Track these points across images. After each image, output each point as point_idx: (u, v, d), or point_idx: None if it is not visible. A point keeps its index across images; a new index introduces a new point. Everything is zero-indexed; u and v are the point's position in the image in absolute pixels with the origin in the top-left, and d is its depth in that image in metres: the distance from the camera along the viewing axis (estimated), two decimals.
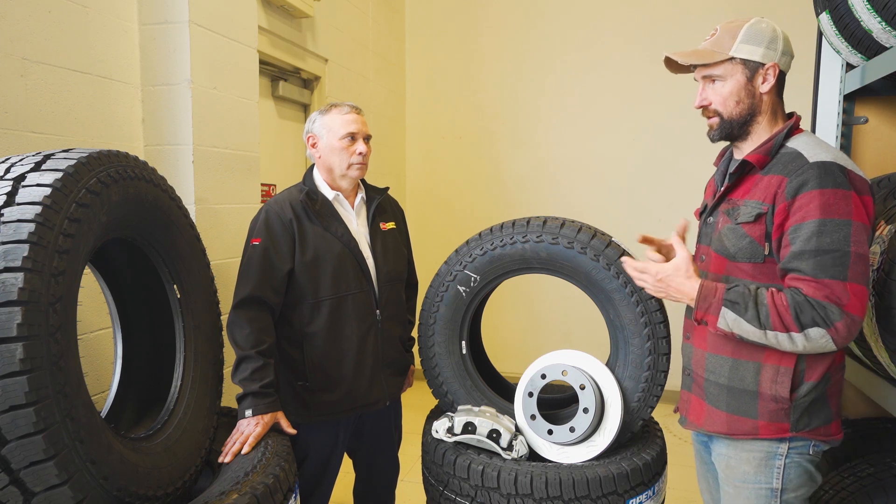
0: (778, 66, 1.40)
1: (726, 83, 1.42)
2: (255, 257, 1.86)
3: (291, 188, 1.99)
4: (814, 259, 1.28)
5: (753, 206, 1.40)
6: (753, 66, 1.40)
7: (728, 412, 1.47)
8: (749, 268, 1.41)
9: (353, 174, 1.95)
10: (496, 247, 1.91)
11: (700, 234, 1.62)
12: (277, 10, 2.91)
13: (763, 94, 1.42)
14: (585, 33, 4.28)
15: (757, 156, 1.42)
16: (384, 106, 4.29)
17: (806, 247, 1.29)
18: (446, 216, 4.62)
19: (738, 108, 1.43)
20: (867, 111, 2.31)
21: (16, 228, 1.11)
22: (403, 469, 2.93)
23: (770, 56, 1.40)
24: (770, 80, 1.41)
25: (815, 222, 1.28)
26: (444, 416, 1.94)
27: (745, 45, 1.40)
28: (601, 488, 1.71)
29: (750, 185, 1.44)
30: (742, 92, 1.42)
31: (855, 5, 1.83)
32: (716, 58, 1.41)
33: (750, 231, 1.40)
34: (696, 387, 1.56)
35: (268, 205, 1.93)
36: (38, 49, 1.77)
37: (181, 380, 1.66)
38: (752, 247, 1.40)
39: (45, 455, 1.07)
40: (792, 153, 1.38)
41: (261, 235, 1.86)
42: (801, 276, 1.30)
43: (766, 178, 1.39)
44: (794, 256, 1.31)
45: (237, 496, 1.37)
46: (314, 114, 2.00)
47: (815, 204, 1.29)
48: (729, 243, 1.44)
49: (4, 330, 1.04)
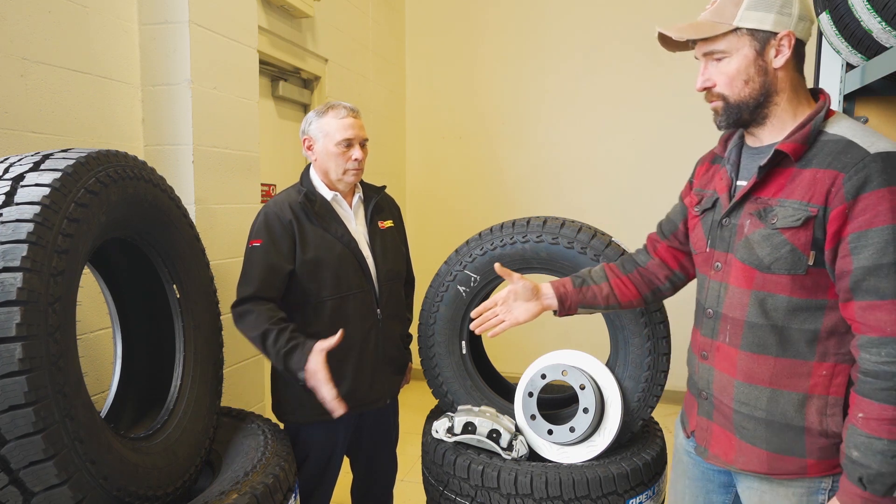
0: (794, 35, 1.16)
1: (732, 60, 1.19)
2: (255, 259, 1.85)
3: (289, 189, 1.99)
4: (894, 274, 1.06)
5: (796, 207, 1.15)
6: (763, 36, 1.16)
7: (769, 451, 1.24)
8: (787, 281, 1.18)
9: (348, 180, 1.95)
10: (496, 247, 1.91)
11: (711, 236, 1.34)
12: (277, 10, 2.91)
13: (778, 70, 1.18)
14: (586, 34, 4.28)
15: (792, 144, 1.17)
16: (384, 106, 4.29)
17: (882, 259, 1.06)
18: (446, 216, 4.62)
19: (747, 89, 1.20)
20: (867, 111, 2.30)
21: (14, 228, 1.11)
22: (403, 469, 2.93)
23: (784, 23, 1.15)
24: (785, 51, 1.16)
25: (887, 228, 1.06)
26: (444, 416, 1.93)
27: (751, 12, 1.16)
28: (601, 488, 1.71)
29: (784, 181, 1.19)
30: (751, 69, 1.18)
31: (855, 5, 1.83)
32: (717, 30, 1.18)
33: (793, 238, 1.16)
34: (722, 417, 1.32)
35: (267, 206, 1.93)
36: (38, 49, 1.77)
37: (181, 380, 1.66)
38: (794, 256, 1.16)
39: (44, 455, 1.07)
40: (839, 141, 1.14)
41: (261, 237, 1.86)
42: (881, 299, 1.07)
43: (809, 173, 1.15)
44: (867, 272, 1.07)
45: (237, 496, 1.37)
46: (310, 114, 1.99)
47: (885, 206, 1.06)
48: (763, 252, 1.20)
49: (3, 330, 1.04)
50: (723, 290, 1.30)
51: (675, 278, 1.56)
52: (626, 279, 1.57)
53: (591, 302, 1.56)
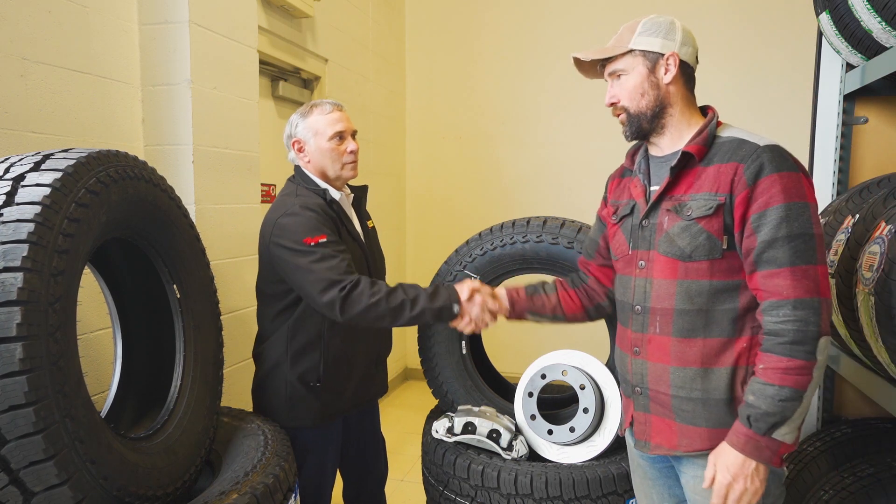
0: (678, 56, 1.38)
1: (630, 76, 1.41)
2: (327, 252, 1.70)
3: (298, 192, 1.87)
4: (788, 245, 1.24)
5: (707, 198, 1.33)
6: (653, 56, 1.39)
7: (709, 427, 1.35)
8: (706, 266, 1.34)
9: (347, 174, 1.90)
10: (496, 247, 1.92)
11: (633, 238, 1.47)
12: (277, 10, 2.91)
13: (668, 86, 1.39)
14: (586, 33, 4.28)
15: (696, 146, 1.36)
16: (384, 106, 4.29)
17: (777, 234, 1.24)
18: (446, 216, 4.62)
19: (644, 101, 1.40)
20: (867, 111, 2.31)
21: (15, 228, 1.11)
22: (403, 469, 2.93)
23: (668, 46, 1.38)
24: (672, 69, 1.38)
25: (780, 207, 1.25)
26: (444, 416, 1.94)
27: (642, 38, 1.39)
28: (601, 488, 1.71)
29: (692, 179, 1.37)
30: (645, 83, 1.39)
31: (855, 5, 1.83)
32: (616, 51, 1.41)
33: (707, 225, 1.32)
34: (659, 406, 1.42)
35: (304, 203, 1.79)
36: (38, 49, 1.77)
37: (181, 380, 1.65)
38: (710, 242, 1.32)
39: (44, 455, 1.07)
40: (733, 140, 1.34)
41: (323, 232, 1.73)
42: (778, 267, 1.24)
43: (713, 169, 1.34)
44: (766, 245, 1.25)
45: (237, 496, 1.37)
46: (293, 116, 1.90)
47: (777, 188, 1.25)
48: (683, 242, 1.35)
49: (4, 330, 1.04)
50: (648, 285, 1.43)
51: (611, 294, 1.66)
52: (573, 293, 1.69)
53: (540, 310, 1.69)
